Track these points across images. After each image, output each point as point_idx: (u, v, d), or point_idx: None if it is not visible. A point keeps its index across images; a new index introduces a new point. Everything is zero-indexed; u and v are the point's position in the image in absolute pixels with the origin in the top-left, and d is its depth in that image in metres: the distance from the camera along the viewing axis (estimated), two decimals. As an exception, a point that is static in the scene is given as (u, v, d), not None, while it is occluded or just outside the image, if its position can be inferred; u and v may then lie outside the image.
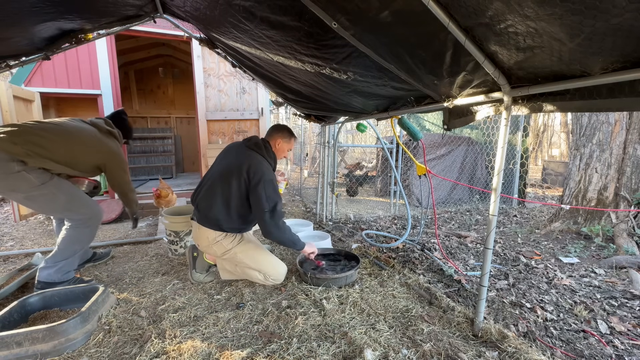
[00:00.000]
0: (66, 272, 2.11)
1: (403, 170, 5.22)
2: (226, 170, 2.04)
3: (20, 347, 1.42)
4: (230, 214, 2.02)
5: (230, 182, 1.99)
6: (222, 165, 2.10)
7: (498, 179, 1.47)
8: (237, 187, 1.98)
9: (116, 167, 2.21)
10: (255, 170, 1.97)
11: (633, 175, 3.28)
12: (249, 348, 1.50)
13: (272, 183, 1.99)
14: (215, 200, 2.01)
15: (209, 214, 2.02)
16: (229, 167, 2.04)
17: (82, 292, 1.86)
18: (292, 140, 2.29)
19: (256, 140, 2.16)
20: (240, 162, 2.01)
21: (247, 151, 2.09)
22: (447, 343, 1.53)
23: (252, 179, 1.96)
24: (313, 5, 1.26)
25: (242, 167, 1.98)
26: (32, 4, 1.54)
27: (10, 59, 2.23)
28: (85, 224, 2.14)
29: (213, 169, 2.16)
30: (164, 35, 4.53)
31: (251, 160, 2.01)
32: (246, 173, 1.97)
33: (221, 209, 2.00)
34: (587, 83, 1.10)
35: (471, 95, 1.58)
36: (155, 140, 7.27)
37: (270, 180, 1.98)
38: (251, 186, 1.96)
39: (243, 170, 1.97)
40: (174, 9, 2.18)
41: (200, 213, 2.07)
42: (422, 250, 2.86)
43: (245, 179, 1.97)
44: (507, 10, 0.92)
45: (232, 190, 1.98)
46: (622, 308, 1.99)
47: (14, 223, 4.00)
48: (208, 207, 2.02)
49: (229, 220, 2.03)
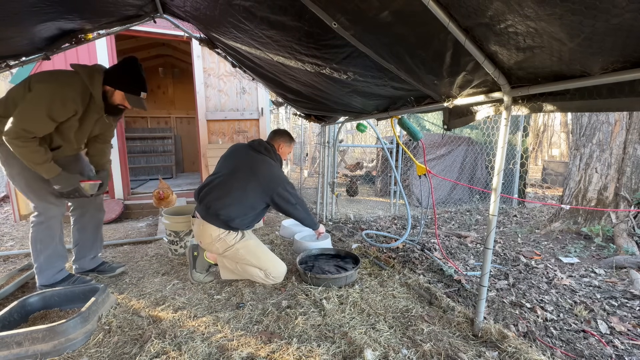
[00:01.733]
0: (51, 276, 2.05)
1: (403, 170, 5.22)
2: (239, 169, 2.12)
3: (20, 347, 1.42)
4: (246, 211, 2.10)
5: (246, 182, 2.08)
6: (233, 164, 2.17)
7: (498, 179, 1.47)
8: (253, 188, 2.09)
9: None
10: (272, 176, 2.13)
11: (633, 175, 3.28)
12: (249, 348, 1.50)
13: (287, 180, 2.21)
14: (229, 198, 2.06)
15: (221, 211, 2.05)
16: (242, 166, 2.13)
17: (82, 292, 1.86)
18: (292, 144, 2.44)
19: (265, 144, 2.27)
20: (254, 165, 2.13)
21: (258, 155, 2.20)
22: (447, 343, 1.53)
23: (272, 184, 2.11)
24: (313, 5, 1.26)
25: (257, 170, 2.11)
26: (32, 4, 1.54)
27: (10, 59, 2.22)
28: (37, 220, 1.99)
29: (222, 167, 2.22)
30: (164, 35, 4.53)
31: (266, 165, 2.15)
32: (263, 178, 2.10)
33: (236, 205, 2.07)
34: (587, 83, 1.10)
35: (471, 95, 1.58)
36: (155, 140, 7.27)
37: (286, 179, 2.20)
38: (273, 190, 2.11)
39: (259, 174, 2.10)
40: (174, 9, 2.18)
41: (208, 210, 2.08)
42: (422, 250, 2.86)
43: (265, 184, 2.10)
44: (507, 10, 0.92)
45: (248, 189, 2.08)
46: (622, 308, 1.99)
47: (14, 223, 4.00)
48: (220, 203, 2.06)
49: (243, 217, 2.10)
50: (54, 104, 1.74)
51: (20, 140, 1.70)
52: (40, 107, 1.72)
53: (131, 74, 1.94)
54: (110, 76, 1.92)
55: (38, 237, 2.00)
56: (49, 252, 2.04)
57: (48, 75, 1.82)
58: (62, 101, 1.76)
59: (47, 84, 1.75)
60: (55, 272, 2.07)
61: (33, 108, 1.71)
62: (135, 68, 1.95)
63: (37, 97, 1.72)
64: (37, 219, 2.00)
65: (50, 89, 1.74)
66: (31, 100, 1.71)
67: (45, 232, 2.02)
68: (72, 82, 1.82)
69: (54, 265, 2.07)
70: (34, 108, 1.71)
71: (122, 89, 1.93)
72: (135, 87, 1.96)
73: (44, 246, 2.02)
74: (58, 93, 1.75)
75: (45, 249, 2.03)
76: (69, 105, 1.79)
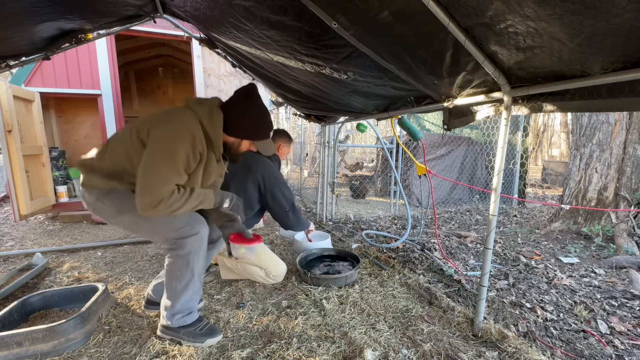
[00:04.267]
0: (183, 316, 1.56)
1: (403, 170, 5.22)
2: (239, 169, 2.14)
3: (20, 347, 1.42)
4: (245, 210, 2.11)
5: (245, 181, 2.11)
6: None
7: (498, 179, 1.47)
8: (252, 187, 2.12)
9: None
10: (269, 175, 2.13)
11: (633, 175, 3.28)
12: (249, 348, 1.50)
13: (285, 184, 2.20)
14: None
15: None
16: (241, 166, 2.14)
17: (82, 292, 1.86)
18: (291, 144, 2.48)
19: None
20: (252, 165, 2.13)
21: (255, 154, 2.19)
22: (447, 343, 1.53)
23: (268, 184, 2.12)
24: (313, 5, 1.26)
25: (255, 170, 2.12)
26: (32, 4, 1.54)
27: (10, 59, 2.23)
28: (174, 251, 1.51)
29: None
30: (164, 35, 4.53)
31: (263, 165, 2.15)
32: (261, 177, 2.11)
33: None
34: (587, 83, 1.10)
35: (471, 95, 1.58)
36: (155, 140, 7.25)
37: (284, 182, 2.20)
38: (267, 190, 2.12)
39: (257, 173, 2.11)
40: (174, 9, 2.18)
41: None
42: (422, 250, 2.86)
43: (261, 183, 2.12)
44: (507, 10, 0.92)
45: (249, 189, 2.11)
46: (622, 308, 1.99)
47: (14, 223, 4.00)
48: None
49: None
50: (181, 153, 1.34)
51: (162, 206, 1.32)
52: (168, 161, 1.32)
53: (258, 115, 1.53)
54: (233, 124, 1.48)
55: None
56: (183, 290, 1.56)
57: (164, 118, 1.42)
58: (192, 147, 1.37)
59: (167, 128, 1.36)
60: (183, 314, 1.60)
61: (161, 165, 1.31)
62: (260, 105, 1.53)
63: (161, 148, 1.33)
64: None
65: (173, 135, 1.35)
66: (154, 155, 1.32)
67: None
68: (193, 122, 1.40)
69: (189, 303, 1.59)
70: (161, 164, 1.31)
71: (252, 138, 1.55)
72: (266, 131, 1.57)
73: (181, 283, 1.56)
74: (185, 140, 1.35)
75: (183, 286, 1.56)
76: (197, 150, 1.40)
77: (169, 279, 1.50)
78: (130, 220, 1.44)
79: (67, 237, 3.37)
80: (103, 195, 1.42)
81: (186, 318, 1.54)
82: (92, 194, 1.43)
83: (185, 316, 1.54)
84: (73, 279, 2.30)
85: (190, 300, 1.55)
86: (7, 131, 3.22)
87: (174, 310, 1.52)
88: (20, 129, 3.40)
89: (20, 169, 3.34)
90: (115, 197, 1.41)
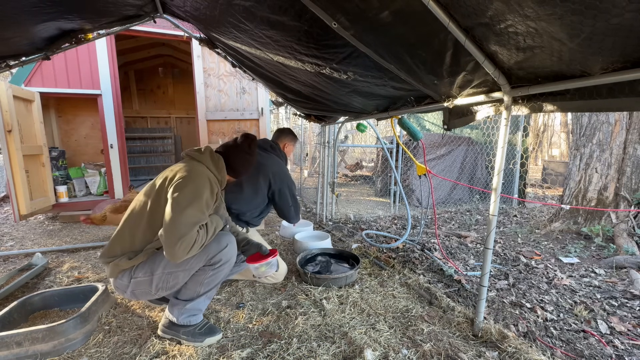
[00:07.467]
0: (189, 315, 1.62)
1: (403, 170, 5.22)
2: None
3: (20, 347, 1.42)
4: (255, 205, 2.18)
5: (257, 178, 2.16)
6: None
7: (498, 179, 1.47)
8: (262, 184, 2.18)
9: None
10: (279, 173, 2.21)
11: (633, 175, 3.28)
12: (248, 348, 1.50)
13: (293, 182, 2.32)
14: (242, 193, 2.13)
15: (233, 205, 2.12)
16: None
17: (82, 292, 1.86)
18: (296, 142, 2.53)
19: (271, 143, 2.38)
20: (263, 162, 2.20)
21: (266, 153, 2.28)
22: (447, 343, 1.53)
23: (278, 181, 2.20)
24: (313, 5, 1.26)
25: (266, 168, 2.18)
26: (32, 3, 1.54)
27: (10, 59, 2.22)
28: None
29: None
30: (164, 35, 4.53)
31: (273, 163, 2.24)
32: (272, 174, 2.19)
33: (248, 199, 2.15)
34: (587, 83, 1.10)
35: (471, 95, 1.57)
36: (155, 140, 7.25)
37: (292, 181, 2.30)
38: (276, 187, 2.20)
39: (268, 171, 2.18)
40: (174, 9, 2.18)
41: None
42: (422, 250, 2.86)
43: (271, 180, 2.19)
44: (507, 10, 0.92)
45: (260, 185, 2.17)
46: (622, 308, 1.99)
47: (14, 223, 4.00)
48: (232, 197, 2.12)
49: (253, 210, 2.19)
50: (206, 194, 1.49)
51: (195, 248, 1.41)
52: (195, 204, 1.42)
53: (250, 155, 1.77)
54: (233, 169, 1.73)
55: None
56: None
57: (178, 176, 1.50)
58: (210, 191, 1.52)
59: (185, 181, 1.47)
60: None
61: (189, 209, 1.40)
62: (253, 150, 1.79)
63: (184, 197, 1.42)
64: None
65: (193, 183, 1.47)
66: (180, 204, 1.39)
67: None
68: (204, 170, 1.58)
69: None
70: (189, 209, 1.40)
71: (245, 173, 1.82)
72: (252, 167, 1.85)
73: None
74: (204, 185, 1.50)
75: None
76: (214, 192, 1.57)
77: (193, 283, 1.56)
78: (164, 272, 1.50)
79: (67, 237, 3.37)
80: (133, 271, 1.51)
81: (192, 318, 1.58)
82: (123, 277, 1.51)
83: (191, 316, 1.58)
84: (73, 279, 2.30)
85: (202, 304, 1.62)
86: (7, 131, 3.22)
87: (185, 309, 1.56)
88: (20, 129, 3.40)
89: (20, 169, 3.34)
90: (142, 265, 1.51)
